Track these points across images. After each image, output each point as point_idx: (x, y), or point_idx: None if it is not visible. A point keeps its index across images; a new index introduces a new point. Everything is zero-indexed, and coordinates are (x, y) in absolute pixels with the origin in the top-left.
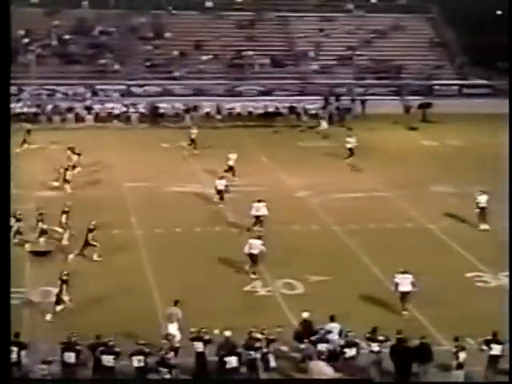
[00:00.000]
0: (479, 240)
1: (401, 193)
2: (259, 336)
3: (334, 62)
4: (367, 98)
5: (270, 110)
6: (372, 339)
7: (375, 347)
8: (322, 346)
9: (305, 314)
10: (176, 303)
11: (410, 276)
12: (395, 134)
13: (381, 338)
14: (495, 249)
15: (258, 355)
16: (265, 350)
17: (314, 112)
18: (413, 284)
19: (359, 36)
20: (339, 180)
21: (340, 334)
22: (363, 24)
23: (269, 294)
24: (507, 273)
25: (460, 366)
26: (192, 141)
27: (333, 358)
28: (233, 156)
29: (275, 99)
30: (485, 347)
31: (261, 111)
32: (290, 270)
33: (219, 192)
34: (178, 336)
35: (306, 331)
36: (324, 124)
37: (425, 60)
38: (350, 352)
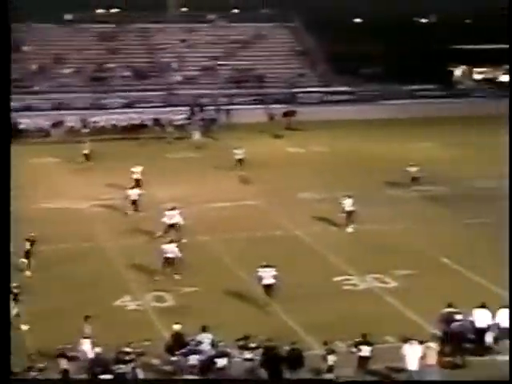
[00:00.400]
0: (346, 244)
1: (269, 201)
2: (128, 350)
3: (197, 73)
4: (232, 107)
5: (135, 122)
6: (244, 347)
7: (248, 355)
8: (193, 358)
9: (175, 327)
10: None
11: (273, 269)
12: (261, 142)
13: (253, 345)
14: (362, 252)
15: (128, 369)
16: (133, 364)
17: (180, 123)
18: (275, 277)
19: (222, 46)
20: (207, 190)
21: (212, 344)
22: (226, 34)
23: (139, 308)
24: (376, 275)
25: (330, 369)
26: (85, 155)
27: (205, 369)
28: (137, 169)
29: (140, 111)
30: (354, 349)
31: (125, 124)
32: (159, 283)
33: (133, 202)
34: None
35: (177, 343)
36: (197, 135)
37: (287, 68)
38: (222, 362)
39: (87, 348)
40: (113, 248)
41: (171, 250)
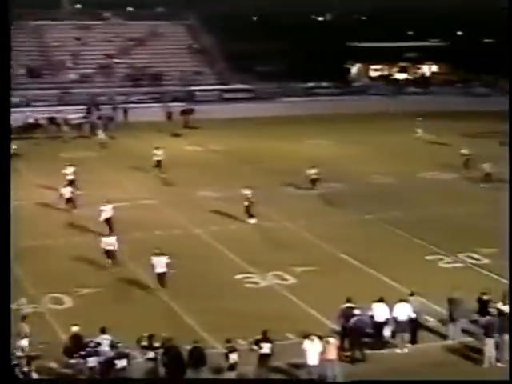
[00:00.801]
0: (247, 242)
1: (167, 199)
2: (20, 354)
3: (93, 71)
4: (129, 106)
5: (30, 121)
6: (147, 347)
7: (150, 354)
8: (92, 360)
9: (74, 328)
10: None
11: (165, 257)
12: (159, 141)
13: (156, 344)
14: (262, 250)
15: (20, 374)
16: (25, 369)
17: (76, 122)
18: (168, 265)
19: (118, 44)
20: (104, 191)
21: (112, 345)
22: (121, 32)
23: (36, 310)
24: (276, 272)
25: (232, 367)
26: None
27: (104, 370)
28: (70, 169)
29: (35, 110)
30: (255, 347)
31: (19, 123)
32: (56, 285)
33: (68, 200)
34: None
35: (76, 346)
36: (100, 134)
37: (185, 66)
38: (121, 363)
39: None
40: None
41: (111, 242)
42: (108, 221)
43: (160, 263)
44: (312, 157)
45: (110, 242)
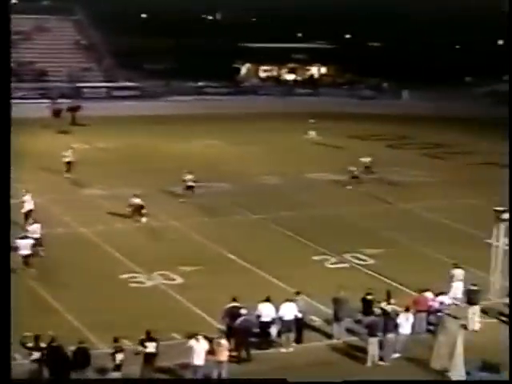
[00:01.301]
0: (133, 241)
1: (52, 198)
2: None
3: None
4: (13, 101)
5: None
6: (33, 348)
7: (36, 355)
8: None
9: None
10: None
11: (31, 240)
12: (46, 138)
13: (43, 345)
14: (148, 249)
15: None
16: None
17: None
18: (32, 246)
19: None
20: None
21: None
22: None
23: None
24: (163, 272)
25: (117, 367)
26: None
27: None
28: None
29: None
30: (140, 347)
31: None
32: None
33: None
34: None
35: None
36: None
37: (71, 62)
38: None
39: None
40: None
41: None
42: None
43: (25, 245)
44: (200, 156)
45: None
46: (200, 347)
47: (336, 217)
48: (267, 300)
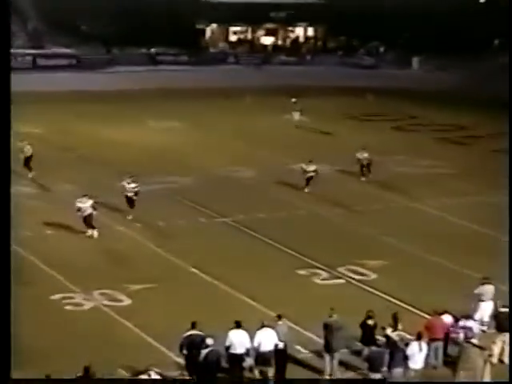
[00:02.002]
0: (67, 252)
1: None
2: None
3: None
4: None
5: None
6: None
7: None
8: None
9: None
10: None
11: None
12: None
13: None
14: (91, 264)
15: None
16: None
17: None
18: None
19: None
20: None
21: None
22: None
23: None
24: (105, 291)
25: None
26: None
27: None
28: None
29: None
30: None
31: None
32: None
33: None
34: None
35: None
36: None
37: None
38: None
39: None
40: None
41: None
42: None
43: None
44: (154, 144)
45: None
46: None
47: (327, 220)
48: (238, 326)
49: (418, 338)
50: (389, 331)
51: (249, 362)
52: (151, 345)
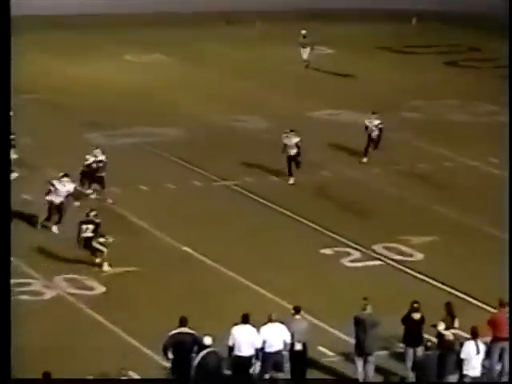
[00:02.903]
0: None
1: None
2: None
3: None
4: None
5: None
6: None
7: None
8: None
9: None
10: None
11: None
12: None
13: None
14: (50, 240)
15: None
16: None
17: None
18: None
19: None
20: None
21: None
22: None
23: None
24: (70, 275)
25: None
26: None
27: None
28: None
29: None
30: None
31: None
32: None
33: None
34: None
35: None
36: None
37: None
38: None
39: None
40: None
41: None
42: None
43: None
44: (134, 85)
45: None
46: None
47: (358, 184)
48: (245, 320)
49: (474, 336)
50: (441, 328)
51: (258, 367)
52: (130, 344)
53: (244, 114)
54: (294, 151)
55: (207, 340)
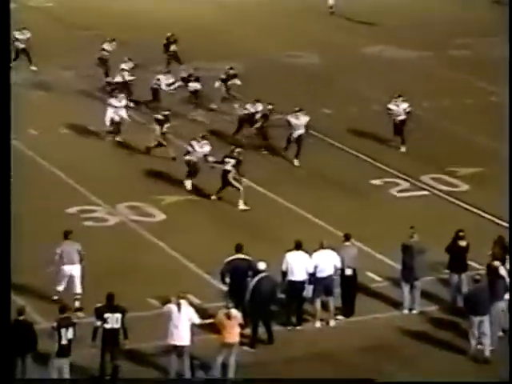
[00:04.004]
0: (88, 157)
1: None
2: None
3: None
4: None
5: None
6: None
7: None
8: None
9: None
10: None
11: None
12: None
13: None
14: (114, 170)
15: None
16: None
17: None
18: None
19: None
20: None
21: None
22: None
23: None
24: (133, 203)
25: (63, 351)
26: None
27: None
28: None
29: None
30: (97, 320)
31: None
32: None
33: None
34: None
35: None
36: None
37: None
38: None
39: None
40: None
41: None
42: None
43: None
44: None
45: None
46: (185, 315)
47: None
48: (298, 247)
49: None
50: (496, 263)
51: (310, 291)
52: (189, 270)
53: (298, 50)
54: (300, 132)
55: (261, 265)
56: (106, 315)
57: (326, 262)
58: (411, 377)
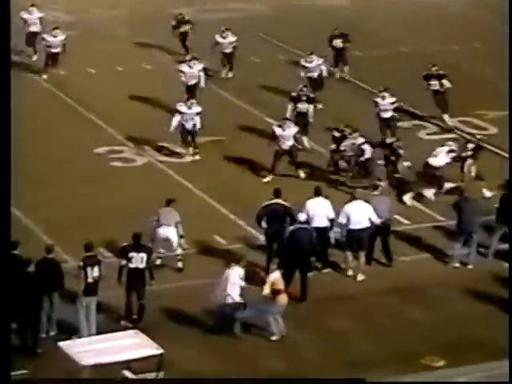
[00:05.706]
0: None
1: None
2: None
3: None
4: None
5: None
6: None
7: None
8: None
9: None
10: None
11: None
12: None
13: None
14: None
15: None
16: None
17: None
18: None
19: None
20: None
21: None
22: None
23: None
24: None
25: (89, 289)
26: None
27: None
28: None
29: None
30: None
31: None
32: None
33: None
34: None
35: None
36: None
37: None
38: None
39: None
40: None
41: None
42: None
43: None
44: None
45: None
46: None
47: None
48: (317, 193)
49: None
50: None
51: (333, 237)
52: (219, 212)
53: None
54: (289, 143)
55: (302, 216)
56: (131, 254)
57: (360, 214)
58: (434, 316)
